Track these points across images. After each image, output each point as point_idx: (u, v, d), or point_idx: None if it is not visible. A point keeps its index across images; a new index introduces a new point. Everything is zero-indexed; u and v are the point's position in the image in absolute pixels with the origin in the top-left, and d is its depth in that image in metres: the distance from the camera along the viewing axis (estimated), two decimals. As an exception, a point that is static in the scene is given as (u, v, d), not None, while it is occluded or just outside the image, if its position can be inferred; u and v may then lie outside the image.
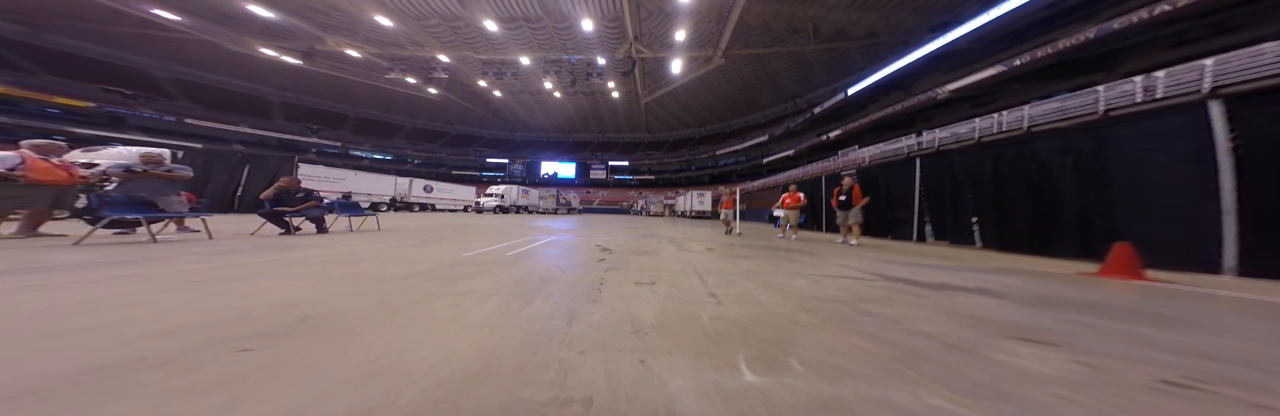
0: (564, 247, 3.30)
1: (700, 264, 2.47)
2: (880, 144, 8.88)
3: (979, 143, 5.47)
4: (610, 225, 8.34)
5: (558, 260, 2.51)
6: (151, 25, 22.96)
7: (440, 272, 1.88)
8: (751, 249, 3.57)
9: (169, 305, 1.16)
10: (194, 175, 3.62)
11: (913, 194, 4.79)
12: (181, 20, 21.89)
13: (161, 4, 20.70)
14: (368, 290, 1.46)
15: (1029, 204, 3.48)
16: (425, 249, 2.89)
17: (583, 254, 2.88)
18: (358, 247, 2.83)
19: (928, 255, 3.27)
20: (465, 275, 1.84)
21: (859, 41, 22.54)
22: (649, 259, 2.67)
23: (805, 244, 4.26)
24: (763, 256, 2.95)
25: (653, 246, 3.64)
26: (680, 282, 1.80)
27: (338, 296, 1.34)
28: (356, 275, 1.75)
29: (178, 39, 24.81)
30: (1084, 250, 2.99)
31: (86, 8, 21.12)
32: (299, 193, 3.80)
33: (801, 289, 1.69)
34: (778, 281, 1.87)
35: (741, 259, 2.78)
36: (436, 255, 2.54)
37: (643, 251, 3.16)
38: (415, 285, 1.58)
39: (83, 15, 22.39)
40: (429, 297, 1.37)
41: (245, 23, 22.64)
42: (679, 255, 2.95)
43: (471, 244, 3.36)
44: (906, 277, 2.07)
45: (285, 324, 1.01)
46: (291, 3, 20.67)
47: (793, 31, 22.48)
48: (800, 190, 5.15)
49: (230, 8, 20.87)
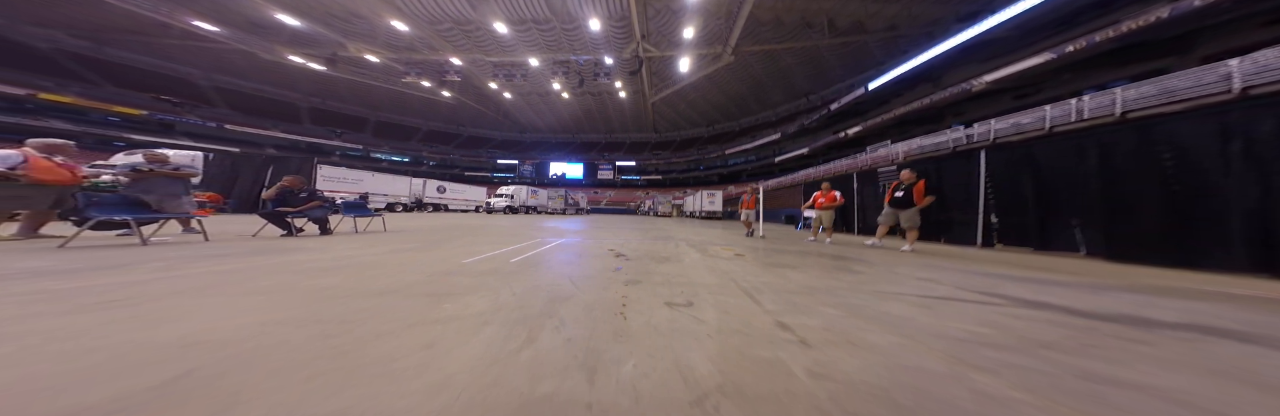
0: (574, 252, 2.91)
1: (738, 275, 2.02)
2: (917, 138, 8.05)
3: (1050, 132, 4.72)
4: (620, 226, 7.92)
5: (567, 269, 2.13)
6: (194, 37, 24.42)
7: (429, 286, 1.53)
8: (788, 255, 3.06)
9: (26, 343, 0.81)
10: (225, 177, 3.50)
11: (974, 191, 4.05)
12: (219, 31, 23.14)
13: (201, 16, 21.93)
14: (326, 313, 1.11)
15: (1160, 203, 2.65)
16: (423, 253, 2.56)
17: (595, 261, 2.49)
18: (351, 251, 2.53)
19: (1025, 266, 2.58)
20: (458, 290, 1.48)
21: (878, 34, 21.31)
22: (673, 267, 2.25)
23: (845, 248, 3.68)
24: (810, 265, 2.45)
25: (671, 251, 3.22)
26: (728, 304, 1.37)
27: (279, 325, 0.99)
28: (326, 289, 1.41)
29: (217, 49, 26.34)
30: (1259, 263, 2.20)
31: (139, 21, 22.65)
32: (302, 192, 3.60)
33: (916, 321, 1.18)
34: (866, 305, 1.37)
35: (786, 268, 2.29)
36: (432, 261, 2.21)
37: (662, 257, 2.75)
38: (390, 305, 1.22)
39: (136, 29, 24.06)
40: (399, 328, 1.00)
41: (275, 32, 23.70)
42: (706, 262, 2.52)
43: (475, 247, 3.03)
44: (1055, 303, 1.46)
45: (143, 387, 0.63)
46: (316, 11, 21.43)
47: (806, 26, 21.51)
48: (835, 188, 4.54)
49: (261, 17, 21.86)
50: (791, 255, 3.05)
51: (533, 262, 2.31)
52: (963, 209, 4.25)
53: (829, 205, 4.38)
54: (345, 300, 1.26)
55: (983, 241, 3.94)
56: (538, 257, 2.54)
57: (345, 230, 4.18)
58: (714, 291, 1.59)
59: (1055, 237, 3.34)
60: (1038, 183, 3.52)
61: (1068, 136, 3.62)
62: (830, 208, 4.38)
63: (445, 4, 20.48)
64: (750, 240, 4.60)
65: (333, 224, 4.06)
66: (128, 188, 3.01)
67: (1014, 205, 3.72)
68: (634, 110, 36.21)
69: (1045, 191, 3.46)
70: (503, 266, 2.12)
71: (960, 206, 4.31)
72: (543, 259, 2.50)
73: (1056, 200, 3.37)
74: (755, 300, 1.44)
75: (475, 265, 2.13)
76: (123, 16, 22.24)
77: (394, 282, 1.57)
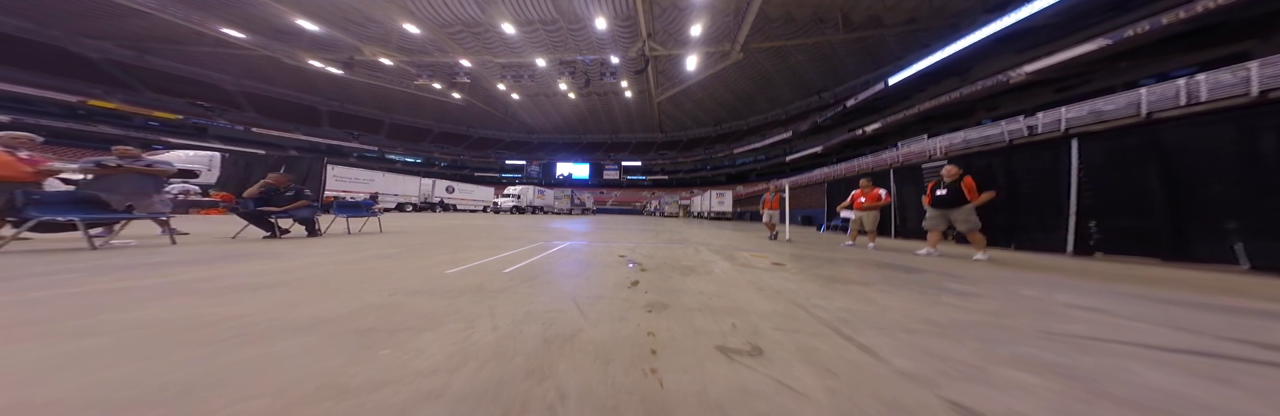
0: (579, 260, 2.45)
1: (799, 295, 1.50)
2: (959, 132, 7.22)
3: (1148, 119, 3.95)
4: (628, 227, 7.44)
5: (571, 283, 1.66)
6: (225, 44, 25.52)
7: (376, 315, 1.08)
8: (840, 264, 2.48)
9: None
10: (239, 177, 3.19)
11: (1058, 189, 3.32)
12: (246, 37, 24.06)
13: (230, 23, 22.86)
14: (155, 379, 0.65)
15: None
16: (402, 261, 2.14)
17: (605, 271, 2.02)
18: (318, 259, 2.13)
19: (1201, 287, 1.83)
20: (415, 322, 1.03)
21: (897, 28, 20.21)
22: (704, 282, 1.75)
23: (901, 256, 2.98)
24: (885, 281, 1.85)
25: (693, 257, 2.72)
26: (820, 353, 0.85)
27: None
28: (216, 325, 0.97)
29: (245, 55, 27.48)
30: None
31: (176, 31, 23.83)
32: (288, 191, 3.25)
33: (1205, 401, 0.63)
34: (1077, 366, 0.79)
35: (857, 285, 1.72)
36: (406, 273, 1.78)
37: (686, 267, 2.25)
38: (288, 356, 0.76)
39: (174, 38, 25.36)
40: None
41: (296, 38, 24.46)
42: (743, 274, 2.01)
43: (467, 252, 2.61)
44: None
45: None
46: (334, 16, 21.95)
47: (818, 21, 20.61)
48: (877, 185, 3.88)
49: (284, 24, 22.56)
50: (845, 265, 2.48)
51: (529, 274, 1.85)
52: (1040, 210, 3.52)
53: (872, 205, 3.67)
54: (226, 345, 0.81)
55: (1075, 249, 3.20)
56: (536, 267, 2.08)
57: (338, 231, 3.84)
58: (781, 324, 1.08)
59: (1197, 246, 2.56)
60: (1168, 177, 2.73)
61: (1217, 118, 2.64)
62: (874, 208, 3.73)
63: (455, 7, 20.64)
64: (777, 244, 4.03)
65: (324, 225, 3.74)
66: (90, 184, 2.72)
67: (1127, 205, 2.93)
68: (640, 110, 35.84)
69: (1182, 188, 2.66)
70: (491, 280, 1.67)
71: (1036, 207, 3.57)
72: (542, 269, 2.03)
73: (1200, 199, 2.59)
74: (859, 344, 0.92)
75: (458, 278, 1.68)
76: (162, 26, 23.40)
77: (331, 309, 1.12)
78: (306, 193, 3.32)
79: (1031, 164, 3.69)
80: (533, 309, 1.20)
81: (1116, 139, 3.09)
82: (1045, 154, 3.55)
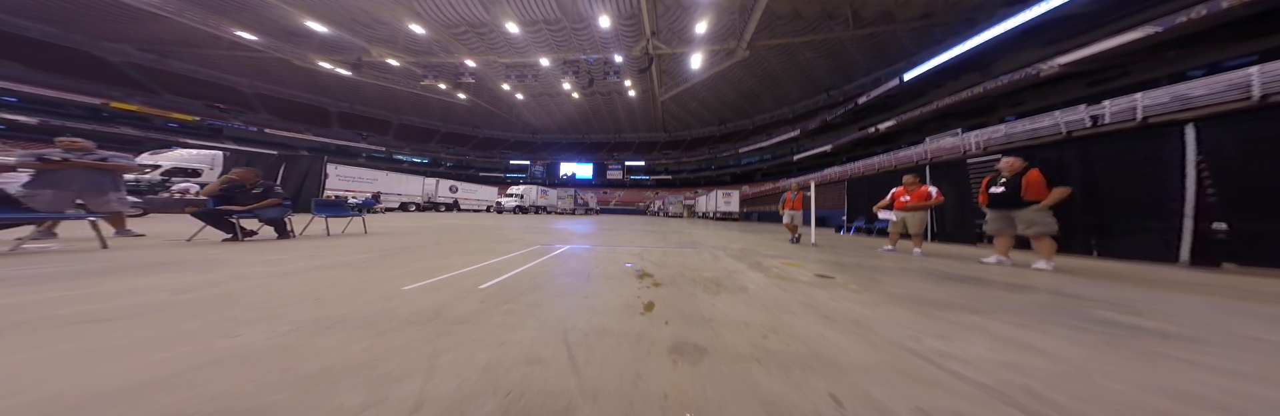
0: (578, 269, 2.01)
1: (895, 331, 1.01)
2: (1001, 124, 6.51)
3: (1263, 102, 3.33)
4: (632, 228, 6.95)
5: (561, 307, 1.21)
6: (239, 47, 25.98)
7: (222, 378, 0.65)
8: (901, 277, 1.97)
9: None
10: None
11: (1164, 186, 2.70)
12: (258, 40, 24.42)
13: (244, 26, 23.22)
14: None
15: None
16: (362, 271, 1.73)
17: (608, 287, 1.57)
18: (261, 268, 1.73)
19: None
20: (278, 395, 0.58)
21: (910, 24, 19.43)
22: (741, 304, 1.29)
23: (965, 265, 2.44)
24: (997, 306, 1.34)
25: (712, 265, 2.26)
26: None
27: None
28: None
29: (259, 58, 27.96)
30: None
31: (193, 34, 24.35)
32: (255, 188, 2.86)
33: None
34: None
35: (966, 314, 1.20)
36: (353, 289, 1.36)
37: (708, 279, 1.79)
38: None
39: (192, 41, 25.94)
40: None
41: (306, 40, 24.73)
42: (789, 292, 1.54)
43: (448, 259, 2.18)
44: None
45: None
46: (342, 18, 22.10)
47: (827, 17, 19.96)
48: (923, 182, 3.32)
49: (294, 26, 22.80)
50: (907, 277, 1.97)
51: (511, 291, 1.41)
52: (1128, 210, 2.89)
53: (919, 204, 3.11)
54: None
55: (1192, 258, 2.60)
56: (524, 280, 1.64)
57: (317, 232, 3.45)
58: (918, 396, 0.61)
59: None
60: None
61: None
62: (921, 208, 3.12)
63: (460, 7, 20.58)
64: (802, 248, 3.53)
65: (303, 226, 3.37)
66: (37, 180, 2.37)
67: (1274, 205, 2.31)
68: (643, 109, 35.47)
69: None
70: (458, 300, 1.23)
71: (1123, 207, 2.92)
72: (530, 282, 1.59)
73: None
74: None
75: (414, 298, 1.24)
76: (180, 30, 23.92)
77: (153, 366, 0.69)
78: (277, 190, 2.93)
79: (1117, 156, 3.03)
80: (499, 357, 0.75)
81: (1265, 122, 2.40)
82: (1140, 144, 2.88)
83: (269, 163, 8.92)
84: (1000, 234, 2.56)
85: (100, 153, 2.66)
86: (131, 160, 2.81)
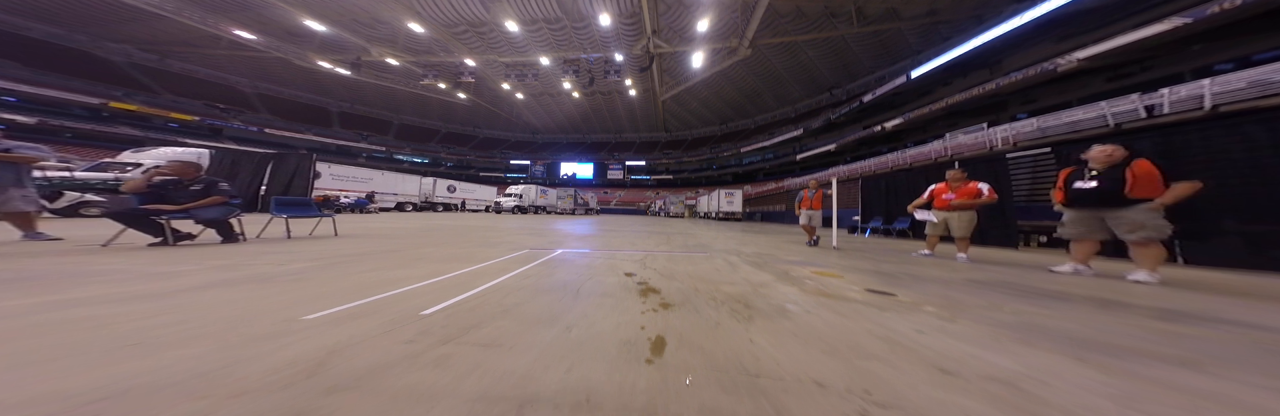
0: (563, 283, 1.59)
1: (1078, 405, 0.58)
2: (1032, 118, 5.95)
3: None
4: (633, 228, 6.51)
5: (525, 354, 0.77)
6: (239, 46, 25.84)
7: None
8: (976, 290, 1.54)
9: None
10: (224, 174, 2.40)
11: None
12: (258, 39, 24.25)
13: (244, 26, 23.06)
14: None
15: None
16: (269, 291, 1.31)
17: (601, 310, 1.15)
18: (143, 285, 1.32)
19: None
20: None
21: (915, 21, 19.04)
22: (790, 341, 0.87)
23: (1037, 275, 1.98)
24: (1195, 355, 0.83)
25: (730, 274, 1.84)
26: None
27: None
28: None
29: (259, 58, 27.82)
30: None
31: (194, 34, 24.25)
32: (194, 184, 2.41)
33: None
34: None
35: (1158, 365, 0.73)
36: (229, 323, 0.94)
37: (731, 296, 1.37)
38: None
39: (193, 41, 25.85)
40: None
41: (307, 39, 24.56)
42: (849, 319, 1.11)
43: (407, 269, 1.77)
44: None
45: None
46: (342, 18, 21.89)
47: (830, 15, 19.60)
48: (972, 178, 2.77)
49: (295, 25, 22.62)
50: (999, 296, 1.50)
51: (461, 322, 0.97)
52: (1241, 212, 2.32)
53: (966, 203, 2.63)
54: None
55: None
56: (488, 301, 1.21)
57: (274, 234, 3.04)
58: None
59: None
60: None
61: None
62: (969, 207, 2.65)
63: (460, 6, 20.36)
64: (822, 252, 3.11)
65: (258, 227, 2.96)
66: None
67: None
68: (644, 109, 35.18)
69: None
70: (365, 343, 0.80)
71: (1236, 208, 2.35)
72: (495, 305, 1.16)
73: None
74: None
75: (300, 339, 0.81)
76: (181, 29, 23.82)
77: None
78: (222, 187, 2.47)
79: (1217, 147, 2.46)
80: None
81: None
82: (1260, 131, 2.28)
83: (256, 161, 8.56)
84: (1083, 238, 2.07)
85: (3, 143, 2.26)
86: (43, 151, 2.39)
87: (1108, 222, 1.97)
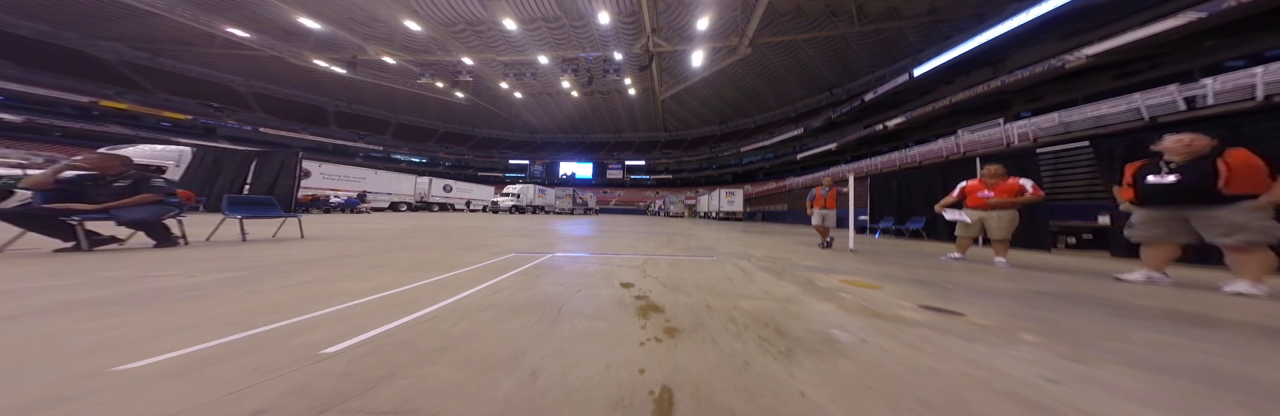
0: (544, 299, 1.27)
1: None
2: (1055, 112, 5.52)
3: None
4: (633, 229, 6.18)
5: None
6: (233, 45, 25.44)
7: None
8: (1059, 307, 1.24)
9: None
10: (206, 173, 2.13)
11: None
12: (253, 38, 23.88)
13: (238, 24, 22.69)
14: None
15: None
16: (118, 318, 0.99)
17: (585, 342, 0.83)
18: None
19: None
20: None
21: (916, 20, 18.88)
22: (868, 403, 0.55)
23: (1118, 288, 1.60)
24: None
25: (747, 287, 1.53)
26: None
27: None
28: None
29: (255, 56, 27.41)
30: None
31: (188, 32, 23.86)
32: (120, 179, 2.00)
33: None
34: None
35: None
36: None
37: (760, 321, 1.06)
38: None
39: (186, 40, 25.44)
40: None
41: (302, 37, 24.18)
42: (938, 358, 0.78)
43: (354, 280, 1.45)
44: None
45: None
46: (338, 16, 21.55)
47: (831, 14, 19.43)
48: (1010, 174, 2.44)
49: (290, 23, 22.27)
50: (1099, 316, 1.17)
51: (374, 369, 0.65)
52: None
53: (1006, 201, 2.30)
54: None
55: None
56: (432, 330, 0.89)
57: (226, 236, 2.69)
58: None
59: None
60: None
61: None
62: (1009, 205, 2.32)
63: (458, 5, 20.09)
64: (839, 256, 2.81)
65: (210, 228, 2.61)
66: None
67: None
68: (643, 108, 34.96)
69: None
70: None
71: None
72: (441, 336, 0.84)
73: None
74: None
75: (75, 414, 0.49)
76: (174, 28, 23.44)
77: None
78: (156, 183, 2.06)
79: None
80: None
81: None
82: None
83: (239, 159, 8.19)
84: (1160, 242, 1.75)
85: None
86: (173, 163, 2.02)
87: (1193, 223, 1.65)
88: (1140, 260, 1.84)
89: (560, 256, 2.31)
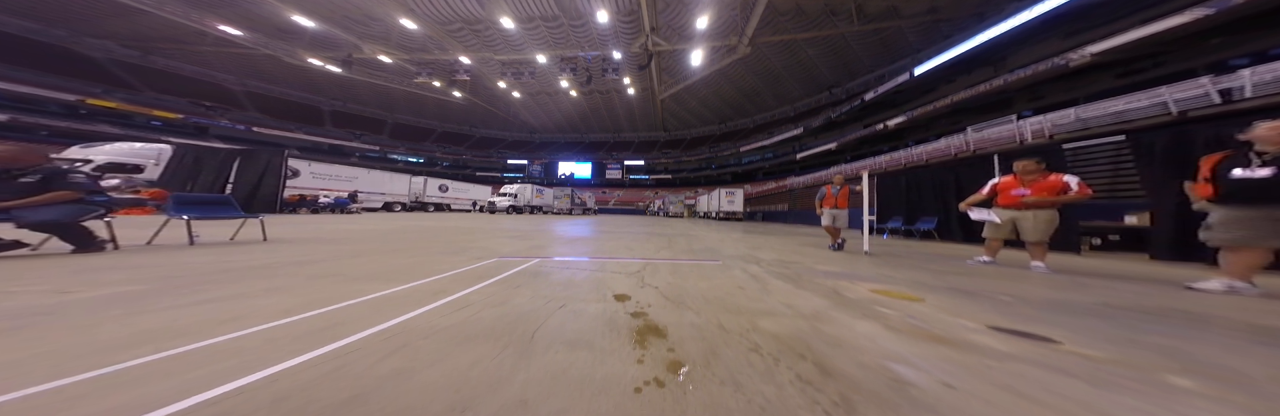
0: (518, 316, 1.03)
1: None
2: (1072, 108, 5.32)
3: None
4: (631, 229, 5.95)
5: None
6: (227, 43, 25.03)
7: None
8: (1196, 332, 0.97)
9: None
10: (186, 172, 1.87)
11: None
12: (246, 36, 23.50)
13: (231, 22, 22.32)
14: None
15: None
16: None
17: (555, 402, 0.57)
18: None
19: None
20: None
21: (916, 19, 18.81)
22: None
23: (1205, 301, 1.32)
24: None
25: (765, 299, 1.30)
26: None
27: None
28: None
29: (248, 55, 26.99)
30: None
31: (179, 30, 23.45)
32: (29, 175, 1.70)
33: None
34: None
35: None
36: None
37: (794, 350, 0.81)
38: None
39: (177, 37, 25.00)
40: None
41: (297, 36, 23.83)
42: (1058, 411, 0.54)
43: (284, 295, 1.20)
44: None
45: None
46: (333, 14, 21.22)
47: (831, 13, 19.33)
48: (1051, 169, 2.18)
49: (284, 22, 21.93)
50: (1221, 341, 0.95)
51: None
52: None
53: (1044, 200, 2.06)
54: None
55: None
56: (339, 369, 0.63)
57: (171, 240, 2.37)
58: None
59: None
60: None
61: None
62: (1048, 205, 2.08)
63: (455, 3, 19.83)
64: (853, 258, 2.59)
65: (153, 230, 2.30)
66: None
67: None
68: (642, 108, 34.79)
69: None
70: None
71: None
72: (336, 390, 0.58)
73: None
74: None
75: None
76: (165, 25, 23.04)
77: None
78: (74, 179, 1.76)
79: None
80: None
81: None
82: None
83: (221, 157, 7.84)
84: (1249, 246, 1.47)
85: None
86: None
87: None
88: (1219, 267, 1.59)
89: (549, 262, 2.05)
